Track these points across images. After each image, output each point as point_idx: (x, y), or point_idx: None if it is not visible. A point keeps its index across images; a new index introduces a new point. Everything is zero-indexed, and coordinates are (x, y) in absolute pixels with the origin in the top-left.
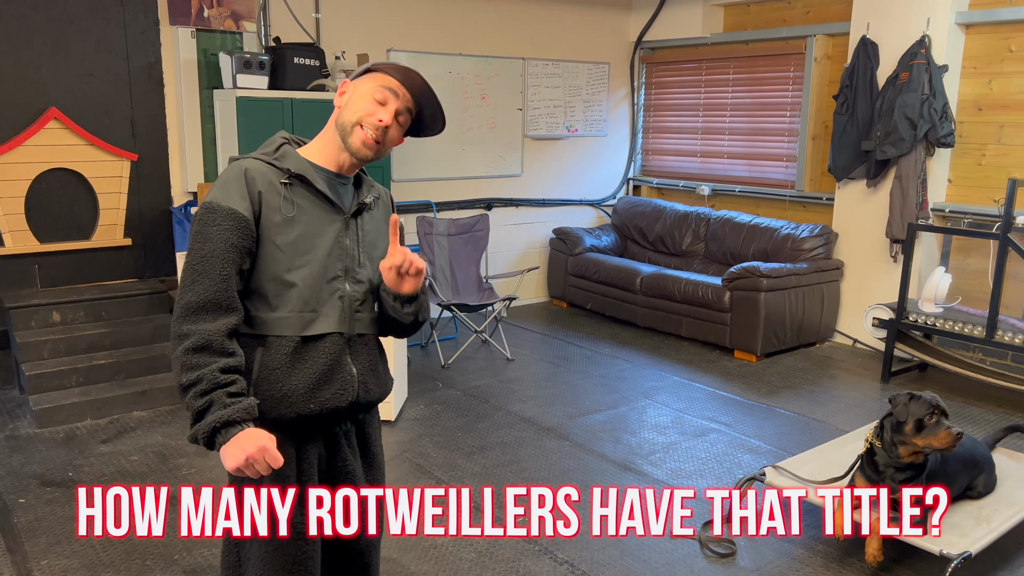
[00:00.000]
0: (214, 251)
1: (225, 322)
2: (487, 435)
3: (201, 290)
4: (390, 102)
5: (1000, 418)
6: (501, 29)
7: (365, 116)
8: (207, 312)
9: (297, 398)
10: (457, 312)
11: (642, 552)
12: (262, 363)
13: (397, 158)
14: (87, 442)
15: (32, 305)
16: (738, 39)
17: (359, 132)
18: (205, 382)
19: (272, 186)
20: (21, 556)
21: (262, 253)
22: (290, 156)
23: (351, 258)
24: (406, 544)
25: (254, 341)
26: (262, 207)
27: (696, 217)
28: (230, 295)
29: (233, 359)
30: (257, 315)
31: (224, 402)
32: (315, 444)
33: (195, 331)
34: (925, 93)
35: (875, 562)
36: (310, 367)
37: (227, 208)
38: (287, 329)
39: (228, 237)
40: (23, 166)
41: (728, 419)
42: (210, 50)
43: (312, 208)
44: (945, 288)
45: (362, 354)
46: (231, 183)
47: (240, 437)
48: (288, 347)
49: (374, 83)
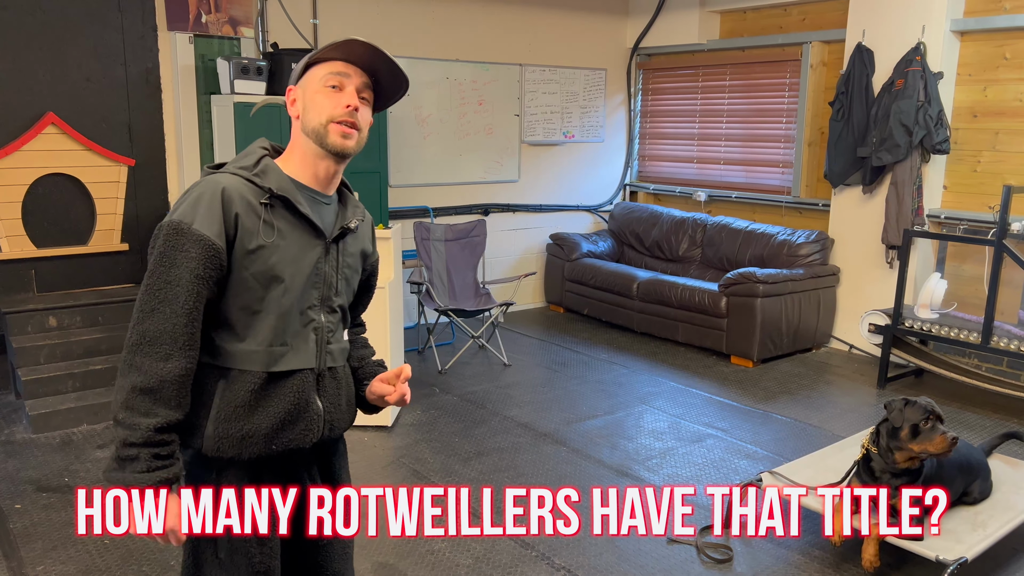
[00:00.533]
0: (179, 279)
1: (178, 364)
2: (484, 440)
3: (160, 320)
4: (346, 84)
5: (995, 424)
6: (498, 35)
7: (332, 110)
8: (162, 346)
9: (257, 439)
10: (454, 317)
11: (639, 558)
12: (223, 398)
13: (394, 163)
14: (83, 447)
15: (29, 310)
16: (734, 46)
17: (334, 128)
18: (138, 435)
19: (250, 207)
20: (17, 562)
21: (232, 281)
22: (272, 172)
23: (328, 285)
24: (403, 549)
25: (216, 372)
26: (238, 232)
27: (692, 223)
28: (190, 331)
29: (176, 413)
30: (222, 345)
31: (149, 464)
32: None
33: (146, 368)
34: (920, 100)
35: (872, 567)
36: (275, 406)
37: (197, 234)
38: (254, 364)
39: (195, 267)
40: (20, 171)
41: (725, 425)
42: (208, 56)
43: (292, 232)
44: (941, 294)
45: (330, 389)
46: (204, 202)
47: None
48: (253, 383)
49: (321, 74)
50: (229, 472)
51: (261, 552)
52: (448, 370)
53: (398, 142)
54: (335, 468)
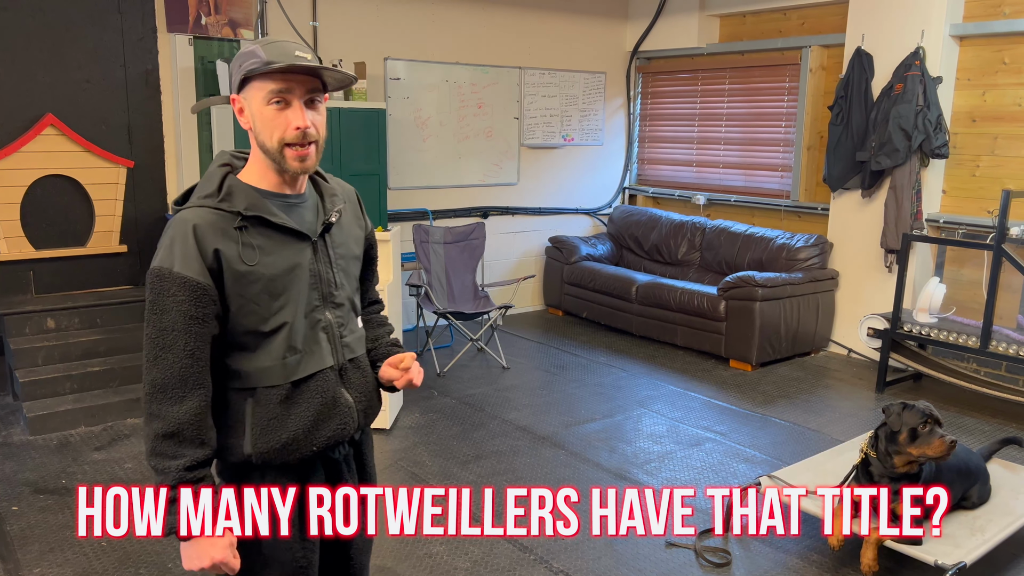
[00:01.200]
0: (174, 324)
1: (192, 405)
2: (482, 444)
3: (165, 367)
4: (291, 100)
5: (994, 428)
6: (498, 38)
7: (284, 134)
8: (174, 390)
9: (299, 444)
10: (453, 320)
11: (637, 561)
12: (255, 416)
13: (393, 166)
14: (81, 449)
15: (26, 312)
16: (734, 50)
17: (289, 152)
18: (171, 477)
19: (226, 236)
20: (13, 564)
21: (234, 310)
22: (238, 192)
23: (327, 283)
24: (401, 552)
25: (243, 395)
26: (222, 265)
27: (692, 226)
28: (197, 370)
29: (202, 450)
30: (240, 369)
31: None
32: (318, 476)
33: (164, 415)
34: (919, 104)
35: (870, 572)
36: (305, 411)
37: (179, 276)
38: (273, 379)
39: (186, 309)
40: (19, 172)
41: (723, 428)
42: (207, 57)
43: (275, 245)
44: (939, 298)
45: (355, 380)
46: (178, 244)
47: (200, 543)
48: (278, 396)
49: (263, 93)
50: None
51: (303, 547)
52: (447, 373)
53: (397, 145)
54: (365, 459)
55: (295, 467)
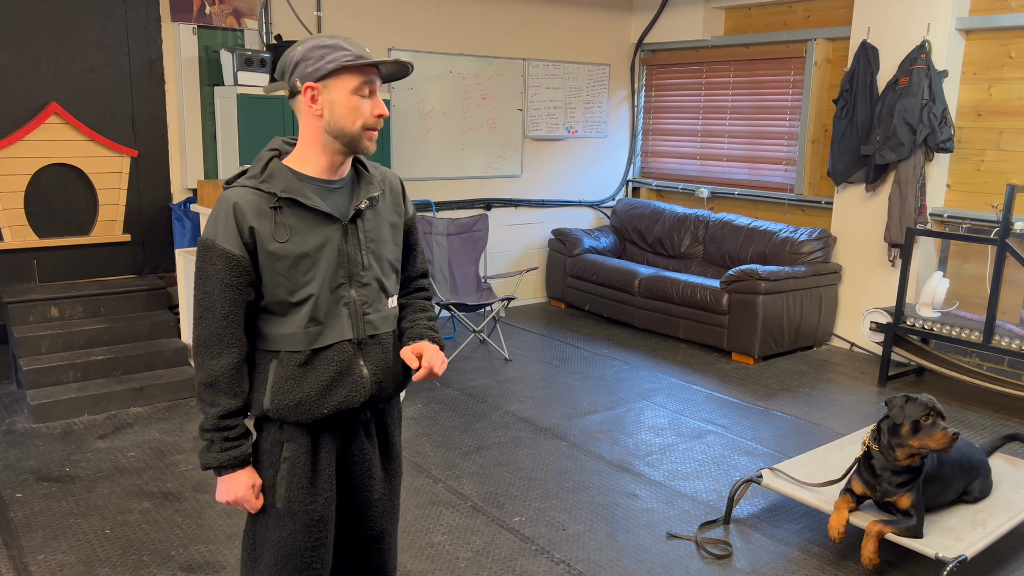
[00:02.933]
0: (213, 289)
1: (228, 360)
2: (484, 435)
3: (207, 324)
4: (374, 91)
5: (996, 423)
6: (502, 29)
7: (368, 120)
8: (213, 347)
9: (310, 404)
10: (455, 312)
11: (639, 553)
12: (276, 375)
13: (397, 157)
14: (84, 437)
15: (30, 300)
16: (739, 42)
17: (367, 134)
18: (209, 422)
19: (262, 214)
20: (18, 551)
21: (265, 280)
22: (278, 175)
23: (354, 263)
24: (403, 542)
25: (269, 355)
26: (256, 240)
27: (695, 219)
28: (231, 330)
29: (235, 400)
30: (268, 332)
31: (222, 446)
32: (332, 435)
33: (206, 366)
34: (925, 98)
35: (871, 565)
36: (319, 375)
37: (220, 248)
38: (296, 344)
39: (224, 277)
40: (23, 161)
41: (725, 421)
42: (211, 47)
43: (305, 225)
44: (943, 293)
45: (375, 354)
46: (221, 220)
47: (228, 480)
48: (298, 360)
49: (355, 83)
50: (291, 429)
51: (315, 501)
52: (449, 364)
53: (401, 136)
54: (389, 429)
55: (309, 425)
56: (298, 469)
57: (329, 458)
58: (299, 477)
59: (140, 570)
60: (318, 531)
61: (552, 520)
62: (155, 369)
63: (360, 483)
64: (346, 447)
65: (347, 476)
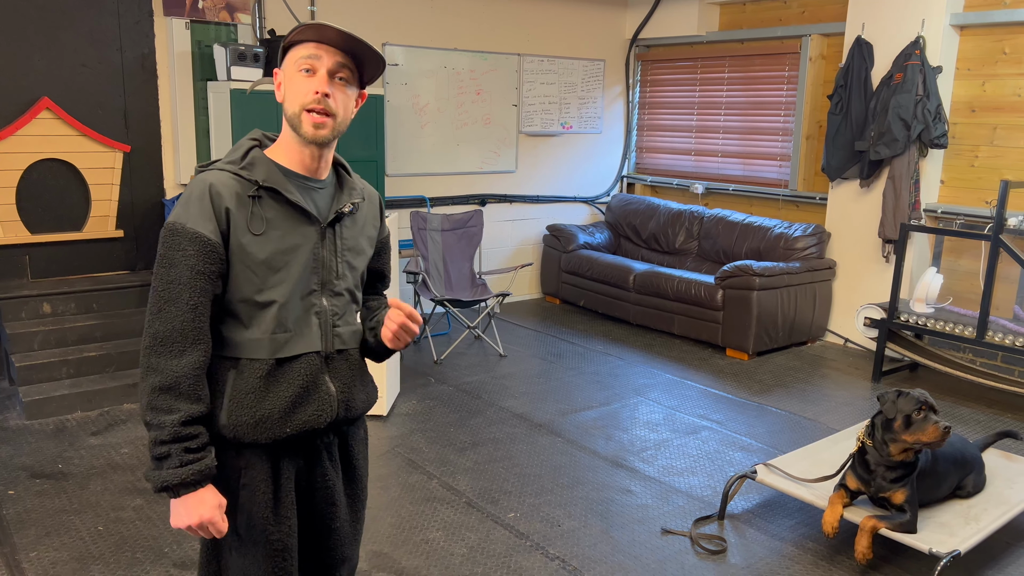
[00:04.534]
0: (180, 277)
1: (193, 359)
2: (479, 431)
3: (168, 319)
4: (316, 67)
5: (990, 418)
6: (497, 25)
7: (303, 97)
8: (174, 344)
9: (272, 423)
10: (450, 308)
11: (633, 548)
12: (234, 387)
13: (391, 153)
14: (77, 434)
15: (22, 296)
16: (733, 38)
17: (306, 117)
18: (166, 431)
19: (240, 201)
20: (10, 548)
21: (233, 274)
22: (259, 164)
23: (328, 270)
24: (398, 539)
25: (227, 363)
26: (230, 225)
27: (689, 215)
28: (198, 325)
29: (198, 406)
30: (229, 336)
31: (182, 458)
32: (292, 459)
33: (162, 367)
34: (919, 94)
35: (864, 560)
36: (284, 390)
37: (192, 231)
38: (260, 352)
39: (194, 263)
40: (14, 156)
41: (720, 417)
42: (204, 42)
43: (284, 221)
44: (936, 288)
45: (342, 370)
46: (194, 202)
47: (188, 500)
48: (261, 370)
49: (294, 58)
50: (248, 453)
51: (279, 530)
52: (444, 360)
53: (395, 131)
54: (353, 453)
55: (269, 447)
56: (258, 496)
57: (290, 484)
58: (259, 505)
59: (133, 567)
60: (281, 560)
61: (547, 516)
62: None
63: (322, 510)
64: (308, 471)
65: (308, 502)
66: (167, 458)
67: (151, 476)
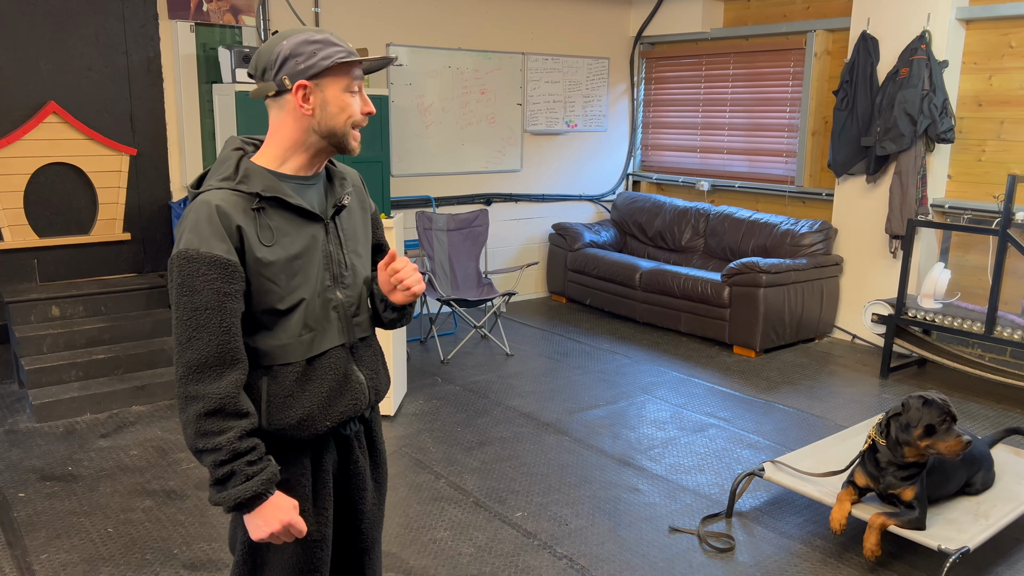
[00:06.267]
0: (207, 304)
1: (232, 379)
2: (486, 430)
3: (201, 346)
4: (361, 87)
5: (999, 414)
6: (501, 24)
7: (355, 117)
8: (212, 369)
9: (313, 420)
10: (456, 307)
11: (641, 547)
12: (271, 392)
13: (396, 153)
14: (86, 436)
15: (31, 300)
16: (738, 34)
17: (353, 133)
18: (224, 451)
19: (247, 215)
20: (21, 550)
21: (254, 288)
22: (254, 175)
23: (338, 264)
24: (405, 539)
25: (259, 371)
26: (244, 242)
27: (695, 213)
28: (233, 347)
29: (247, 420)
30: (257, 346)
31: (246, 472)
32: (330, 452)
33: (204, 394)
34: (925, 89)
35: (873, 557)
36: (319, 387)
37: (208, 255)
38: (291, 356)
39: (219, 287)
40: (22, 160)
41: (727, 415)
42: (209, 44)
43: (290, 227)
44: (944, 284)
45: (365, 358)
46: (203, 225)
47: (264, 510)
48: (294, 373)
49: (344, 82)
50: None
51: (318, 521)
52: (450, 360)
53: (400, 131)
54: (375, 434)
55: (307, 442)
56: (297, 491)
57: (328, 476)
58: (300, 499)
59: (143, 568)
60: (320, 551)
61: (554, 515)
62: (156, 367)
63: (354, 496)
64: (343, 461)
65: (343, 490)
66: (232, 476)
67: (220, 499)
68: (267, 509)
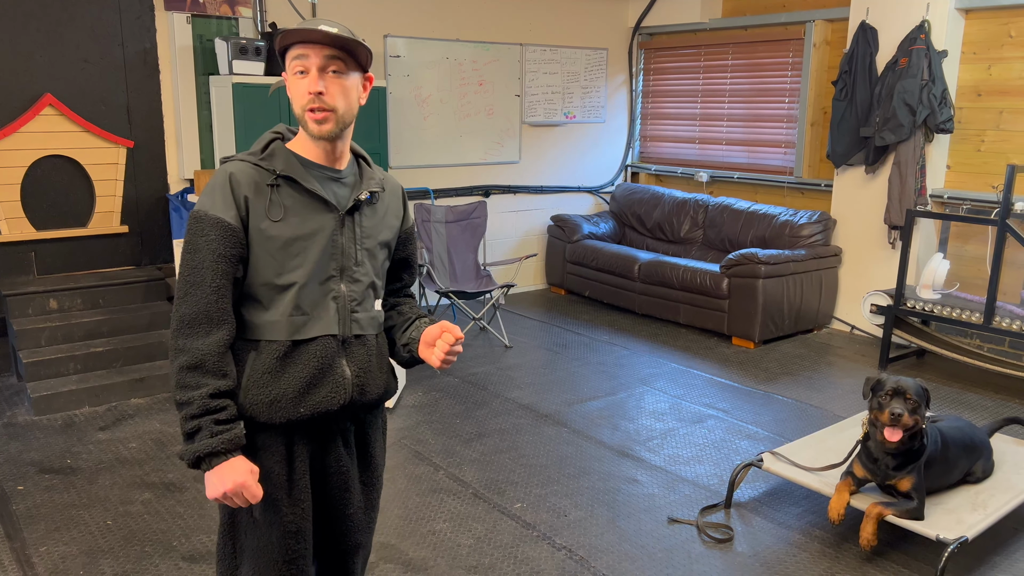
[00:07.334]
0: (203, 262)
1: (218, 337)
2: (485, 422)
3: (193, 302)
4: (308, 67)
5: (997, 404)
6: (499, 15)
7: (301, 99)
8: (200, 325)
9: (286, 403)
10: (455, 299)
11: (640, 538)
12: (253, 367)
13: (394, 145)
14: (85, 429)
15: (29, 292)
16: (737, 24)
17: (308, 116)
18: (195, 406)
19: (259, 189)
20: (20, 543)
21: (253, 258)
22: (279, 154)
23: (347, 257)
24: (404, 530)
25: (248, 345)
26: (249, 212)
27: (694, 204)
28: (222, 306)
29: (224, 381)
30: (250, 319)
31: (212, 430)
32: (307, 443)
33: (189, 348)
34: (924, 79)
35: (869, 546)
36: (299, 371)
37: (213, 217)
38: (277, 333)
39: (216, 247)
40: (18, 153)
41: (726, 405)
42: (206, 36)
43: (302, 208)
44: (943, 274)
45: (358, 355)
46: (216, 190)
47: (222, 468)
48: (278, 351)
49: (288, 62)
50: (263, 435)
51: (293, 512)
52: None
53: (398, 123)
54: (369, 440)
55: (283, 429)
56: (272, 478)
57: (304, 467)
58: (273, 487)
59: (142, 561)
60: (295, 542)
61: (553, 506)
62: (155, 360)
63: (336, 495)
64: (322, 456)
65: (323, 487)
66: (198, 432)
67: (184, 452)
68: (224, 468)
